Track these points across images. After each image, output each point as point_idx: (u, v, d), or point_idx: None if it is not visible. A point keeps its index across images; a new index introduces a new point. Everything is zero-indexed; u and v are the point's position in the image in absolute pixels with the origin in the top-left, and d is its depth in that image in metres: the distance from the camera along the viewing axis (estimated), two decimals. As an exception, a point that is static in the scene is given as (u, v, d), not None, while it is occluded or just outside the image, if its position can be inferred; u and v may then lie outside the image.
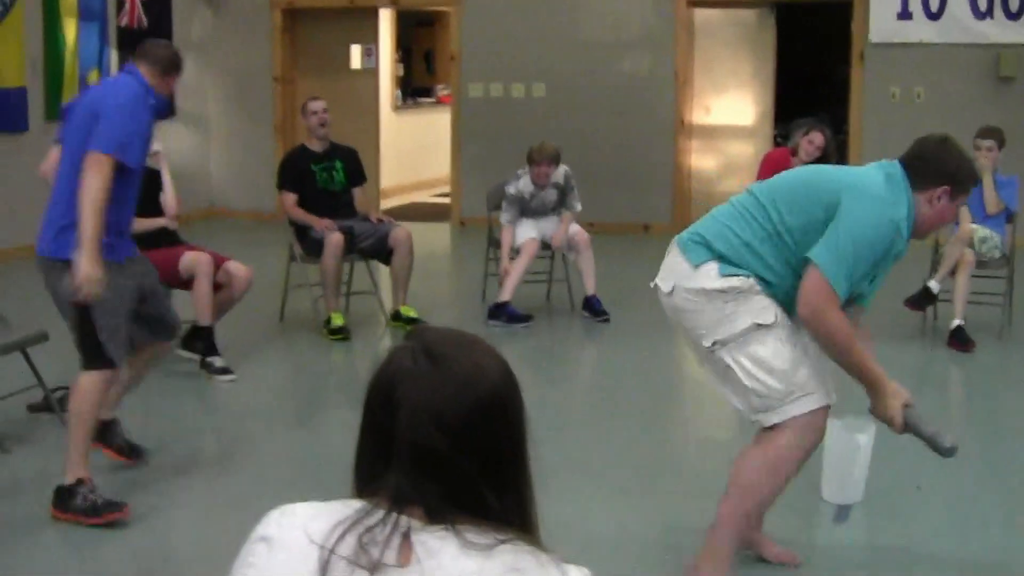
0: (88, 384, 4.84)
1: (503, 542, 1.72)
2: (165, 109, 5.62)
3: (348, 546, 1.70)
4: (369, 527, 1.71)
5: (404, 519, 1.72)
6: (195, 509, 5.06)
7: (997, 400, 6.93)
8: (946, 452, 3.69)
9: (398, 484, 1.75)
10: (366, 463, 1.83)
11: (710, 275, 3.79)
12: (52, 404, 6.00)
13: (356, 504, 1.76)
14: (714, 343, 3.80)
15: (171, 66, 5.25)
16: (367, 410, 1.82)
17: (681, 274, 3.86)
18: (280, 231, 8.87)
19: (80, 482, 4.80)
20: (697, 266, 3.82)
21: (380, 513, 1.73)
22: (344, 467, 4.65)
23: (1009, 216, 8.05)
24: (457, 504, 1.74)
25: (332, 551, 1.70)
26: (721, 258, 3.80)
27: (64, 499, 4.81)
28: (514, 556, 1.71)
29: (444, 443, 1.74)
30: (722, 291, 3.76)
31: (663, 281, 3.94)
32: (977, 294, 7.94)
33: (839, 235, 3.63)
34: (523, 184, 8.47)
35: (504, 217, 8.51)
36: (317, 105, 8.30)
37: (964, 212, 7.82)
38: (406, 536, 1.71)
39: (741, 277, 3.77)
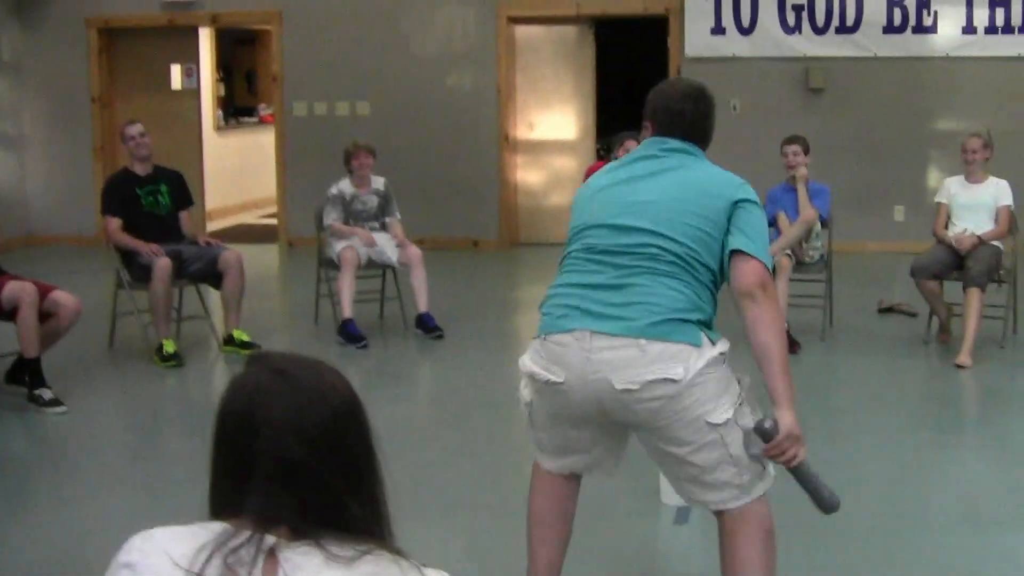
0: None
1: (365, 553, 1.77)
2: None
3: (214, 568, 1.72)
4: (234, 548, 1.74)
5: (269, 538, 1.76)
6: (31, 546, 4.95)
7: (826, 400, 7.14)
8: (829, 505, 3.50)
9: (262, 503, 1.79)
10: (223, 487, 1.87)
11: (709, 343, 3.41)
12: None
13: (217, 526, 1.79)
14: (734, 410, 3.43)
15: None
16: (222, 434, 1.86)
17: (689, 356, 3.37)
18: (104, 256, 8.71)
19: None
20: (701, 345, 3.39)
21: (245, 534, 1.76)
22: (184, 494, 4.63)
23: (823, 222, 8.38)
24: (320, 519, 1.79)
25: (199, 574, 1.72)
26: (700, 324, 3.44)
27: None
28: (376, 566, 1.77)
29: (308, 456, 1.79)
30: (723, 353, 3.44)
31: (675, 371, 3.35)
32: (796, 297, 8.24)
33: (753, 225, 3.50)
34: (344, 185, 8.58)
35: (329, 217, 8.55)
36: (134, 130, 8.17)
37: (784, 219, 8.17)
38: (271, 554, 1.75)
39: (722, 338, 3.49)
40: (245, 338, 8.00)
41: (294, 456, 1.79)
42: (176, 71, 13.64)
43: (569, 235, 3.68)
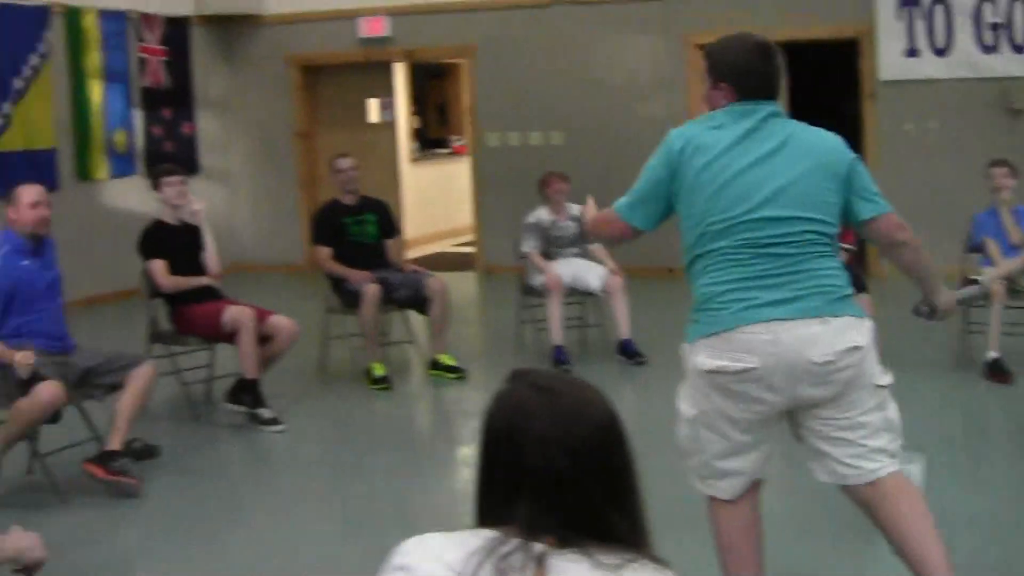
0: None
1: (631, 561, 1.85)
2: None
3: (486, 573, 1.82)
4: (504, 555, 1.83)
5: (538, 545, 1.85)
6: (247, 557, 5.19)
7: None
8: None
9: (528, 513, 1.88)
10: (489, 497, 1.96)
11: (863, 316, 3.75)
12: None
13: (487, 534, 1.88)
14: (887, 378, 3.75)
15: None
16: (488, 448, 1.96)
17: (861, 326, 3.67)
18: (308, 283, 9.01)
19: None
20: (863, 317, 3.72)
21: (514, 541, 1.85)
22: (391, 509, 4.83)
23: None
24: (584, 528, 1.87)
25: None
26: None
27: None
28: (640, 573, 1.85)
29: (572, 469, 1.88)
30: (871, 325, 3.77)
31: (858, 338, 3.63)
32: (1009, 325, 7.91)
33: (869, 185, 3.79)
34: (541, 213, 8.71)
35: (526, 246, 8.68)
36: (344, 163, 8.46)
37: (994, 247, 7.98)
38: (540, 561, 1.83)
39: None
40: (452, 362, 8.21)
41: (559, 469, 1.88)
42: (373, 105, 14.07)
43: (702, 227, 3.69)
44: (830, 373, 3.56)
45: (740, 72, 3.76)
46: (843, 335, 3.58)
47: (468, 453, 7.02)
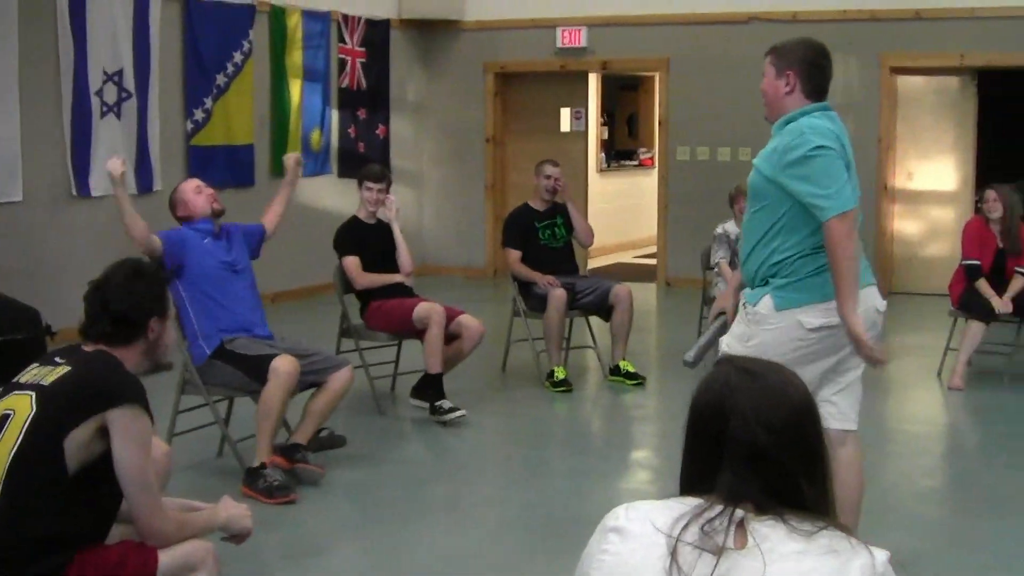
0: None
1: (823, 528, 2.05)
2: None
3: (692, 534, 2.03)
4: (709, 519, 2.04)
5: (739, 511, 2.05)
6: (426, 548, 5.32)
7: None
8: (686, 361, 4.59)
9: (731, 483, 2.08)
10: (694, 468, 2.17)
11: None
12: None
13: (692, 501, 2.10)
14: None
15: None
16: (695, 423, 2.17)
17: None
18: (491, 287, 9.14)
19: (263, 466, 5.78)
20: None
21: (717, 507, 2.06)
22: (568, 507, 4.95)
23: None
24: (780, 497, 2.07)
25: (678, 539, 2.03)
26: None
27: (251, 478, 5.78)
28: (831, 539, 2.04)
29: (772, 444, 2.08)
30: None
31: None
32: None
33: None
34: (729, 226, 8.75)
35: (717, 255, 8.72)
36: (554, 171, 8.59)
37: None
38: (741, 525, 2.04)
39: None
40: (631, 368, 8.30)
41: (760, 443, 2.08)
42: (565, 114, 14.23)
43: (843, 197, 4.19)
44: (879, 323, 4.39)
45: (811, 64, 4.29)
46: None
47: (643, 456, 7.12)
